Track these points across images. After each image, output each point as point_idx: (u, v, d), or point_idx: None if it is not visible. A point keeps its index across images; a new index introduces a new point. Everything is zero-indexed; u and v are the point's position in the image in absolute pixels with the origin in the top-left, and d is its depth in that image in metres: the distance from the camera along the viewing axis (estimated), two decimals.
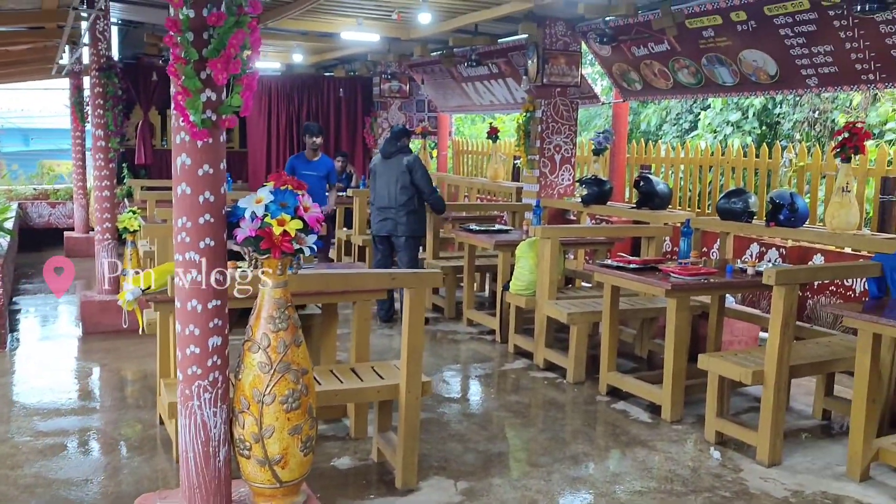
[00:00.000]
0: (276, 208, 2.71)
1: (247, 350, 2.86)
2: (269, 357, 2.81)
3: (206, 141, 2.68)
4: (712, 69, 7.18)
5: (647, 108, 13.68)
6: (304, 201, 2.77)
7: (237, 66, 2.57)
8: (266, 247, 2.71)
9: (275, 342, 2.83)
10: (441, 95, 11.94)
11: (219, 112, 2.68)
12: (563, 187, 8.50)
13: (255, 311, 2.88)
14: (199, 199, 2.69)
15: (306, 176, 7.81)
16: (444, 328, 7.15)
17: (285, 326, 2.84)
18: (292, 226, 2.72)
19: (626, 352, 6.24)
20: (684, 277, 4.76)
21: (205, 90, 2.63)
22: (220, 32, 2.56)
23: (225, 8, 2.60)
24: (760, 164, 7.52)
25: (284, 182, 2.77)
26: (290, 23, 7.78)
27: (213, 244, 2.73)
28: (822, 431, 4.80)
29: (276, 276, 2.83)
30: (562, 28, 8.07)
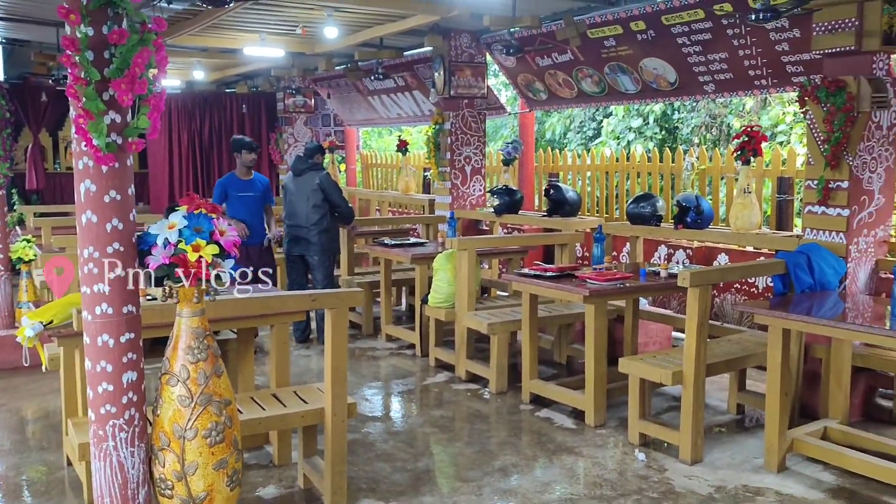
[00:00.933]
0: (191, 234, 2.59)
1: (165, 383, 2.71)
2: (189, 390, 2.68)
3: (111, 166, 2.53)
4: (615, 77, 7.36)
5: (552, 118, 13.95)
6: (219, 225, 2.66)
7: (143, 86, 2.45)
8: (181, 274, 2.58)
9: (194, 374, 2.69)
10: (347, 109, 11.85)
11: (125, 135, 2.54)
12: (475, 198, 8.54)
13: (172, 342, 2.74)
14: (107, 227, 2.55)
15: (244, 198, 6.78)
16: (362, 345, 7.05)
17: (205, 356, 2.72)
18: (208, 251, 2.60)
19: (545, 358, 6.29)
20: (601, 283, 4.83)
21: (108, 112, 2.49)
22: (123, 51, 2.43)
23: (127, 25, 2.47)
24: (664, 169, 7.75)
25: (198, 206, 2.65)
26: (189, 39, 7.55)
27: (123, 274, 2.58)
28: (737, 426, 4.95)
29: (193, 304, 2.70)
30: (467, 40, 8.13)
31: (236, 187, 6.80)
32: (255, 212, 6.80)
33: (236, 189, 6.78)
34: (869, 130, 4.74)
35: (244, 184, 6.82)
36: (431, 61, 8.33)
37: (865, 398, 4.94)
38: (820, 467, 4.17)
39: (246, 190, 6.80)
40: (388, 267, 7.13)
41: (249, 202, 6.78)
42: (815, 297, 4.54)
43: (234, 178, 6.87)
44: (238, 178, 6.84)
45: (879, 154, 4.83)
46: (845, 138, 4.68)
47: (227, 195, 6.75)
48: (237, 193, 6.77)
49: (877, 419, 4.87)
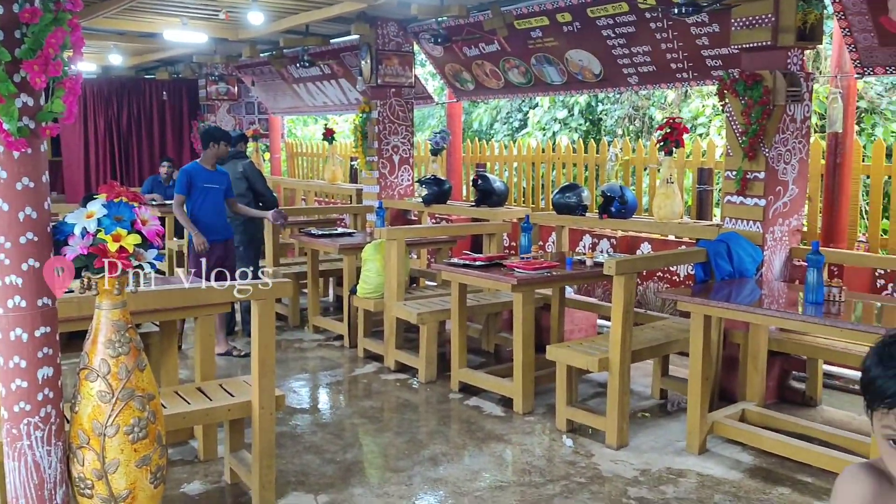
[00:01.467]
0: (111, 223, 2.49)
1: (83, 379, 2.61)
2: (109, 385, 2.58)
3: (24, 151, 2.41)
4: (541, 69, 7.43)
5: (479, 108, 14.01)
6: (141, 214, 2.57)
7: (57, 67, 2.34)
8: (101, 265, 2.48)
9: (115, 368, 2.60)
10: (272, 97, 11.64)
11: (38, 119, 2.42)
12: (403, 188, 8.51)
13: (91, 336, 2.63)
14: (19, 215, 2.43)
15: (210, 190, 6.12)
16: (289, 337, 6.95)
17: (126, 350, 2.62)
18: (129, 241, 2.51)
19: (473, 347, 6.32)
20: (528, 272, 4.88)
21: (20, 95, 2.37)
22: (36, 31, 2.31)
23: (40, 3, 2.35)
24: (589, 160, 7.87)
25: (118, 194, 2.55)
26: (106, 22, 7.26)
27: (38, 265, 2.47)
28: (661, 410, 5.08)
29: (114, 296, 2.60)
30: (394, 29, 8.07)
31: (203, 178, 6.14)
32: (220, 206, 6.24)
33: (203, 180, 6.13)
34: (784, 123, 4.91)
35: (211, 175, 6.21)
36: (358, 49, 8.25)
37: (780, 381, 5.14)
38: (738, 448, 4.32)
39: (212, 182, 6.20)
40: (314, 257, 7.04)
41: (215, 195, 6.16)
42: (734, 284, 4.68)
43: (200, 167, 6.20)
44: (204, 169, 6.19)
45: (793, 146, 5.01)
46: (762, 130, 4.84)
47: (191, 185, 6.09)
48: (203, 184, 6.13)
49: (790, 401, 5.07)
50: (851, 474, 1.37)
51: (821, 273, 3.98)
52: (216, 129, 6.32)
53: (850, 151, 5.72)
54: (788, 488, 3.86)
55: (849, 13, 4.83)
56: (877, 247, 5.55)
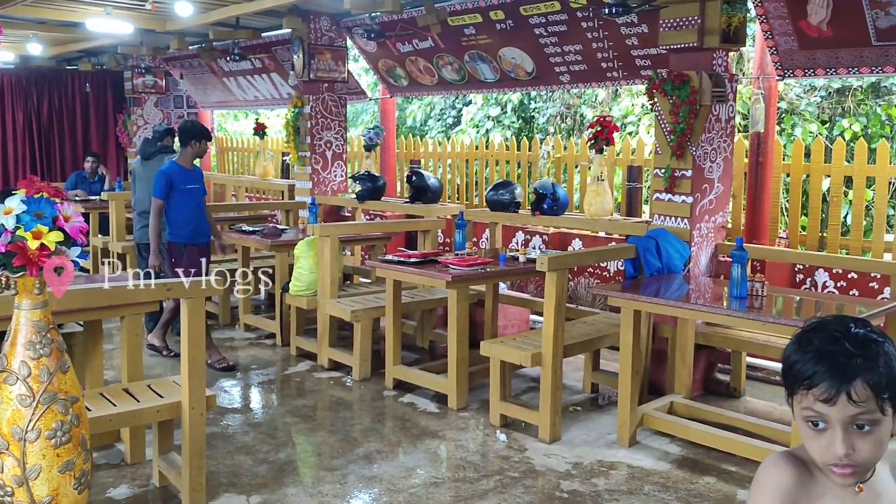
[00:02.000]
0: (31, 219, 2.40)
1: (2, 382, 2.51)
2: (30, 388, 2.49)
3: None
4: (475, 66, 7.46)
5: (413, 104, 13.99)
6: (63, 210, 2.48)
7: None
8: (20, 263, 2.38)
9: (36, 370, 2.50)
10: (201, 91, 11.37)
11: None
12: (337, 184, 8.44)
13: (10, 337, 2.53)
14: None
15: (192, 191, 5.78)
16: (219, 335, 6.81)
17: (48, 352, 2.53)
18: (51, 238, 2.42)
19: (408, 343, 6.32)
20: (463, 268, 4.90)
21: None
22: None
23: None
24: (521, 157, 7.94)
25: (39, 189, 2.45)
26: (24, 10, 6.98)
27: None
28: (591, 404, 5.17)
29: (34, 295, 2.51)
30: (327, 23, 7.99)
31: (183, 178, 5.76)
32: (202, 206, 5.94)
33: (183, 181, 5.75)
34: (710, 123, 5.05)
35: (190, 175, 5.84)
36: (290, 43, 8.13)
37: (706, 373, 5.29)
38: (667, 440, 4.43)
39: (193, 182, 5.85)
40: (246, 254, 6.93)
41: (196, 195, 5.87)
42: (663, 279, 4.80)
43: (178, 167, 5.78)
44: (184, 169, 5.79)
45: (719, 145, 5.16)
46: (689, 130, 4.96)
47: (172, 186, 5.71)
48: (185, 186, 5.76)
49: (715, 392, 5.23)
50: (773, 462, 1.42)
51: (745, 268, 4.10)
52: (194, 126, 5.90)
53: (771, 151, 5.91)
54: (714, 477, 3.98)
55: (770, 17, 4.99)
56: (796, 243, 5.77)
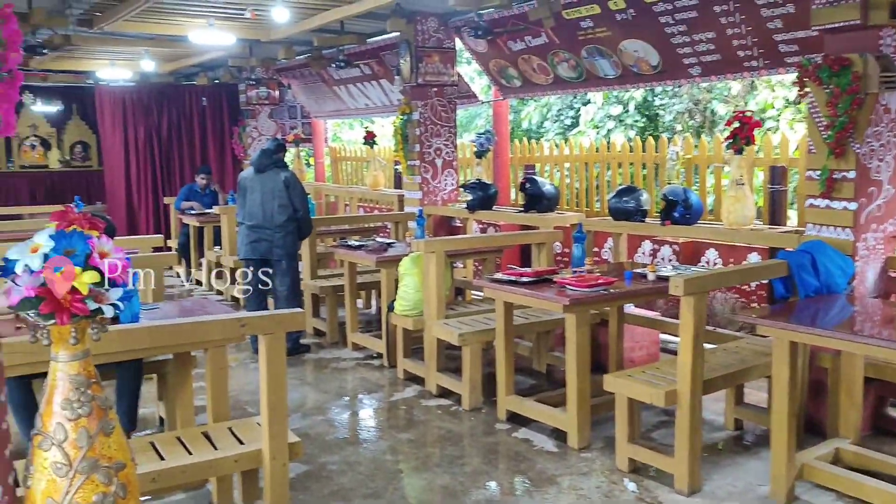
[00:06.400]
0: (60, 258, 2.03)
1: (36, 447, 2.16)
2: (66, 455, 2.13)
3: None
4: (593, 61, 6.84)
5: (527, 106, 13.42)
6: (99, 245, 2.10)
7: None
8: (49, 310, 2.02)
9: (74, 434, 2.14)
10: (314, 100, 11.25)
11: None
12: (447, 193, 8.00)
13: (46, 394, 2.18)
14: None
15: None
16: (327, 355, 6.50)
17: (87, 411, 2.16)
18: (84, 279, 2.04)
19: (523, 366, 5.78)
20: (582, 290, 4.31)
21: None
22: None
23: None
24: (647, 159, 7.25)
25: (71, 221, 2.08)
26: (130, 26, 6.92)
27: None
28: (736, 444, 4.46)
29: (71, 346, 2.14)
30: (434, 24, 7.57)
31: None
32: None
33: None
34: (877, 114, 4.24)
35: None
36: (397, 47, 7.77)
37: (875, 409, 4.46)
38: (833, 496, 3.69)
39: None
40: (352, 270, 6.57)
41: None
42: (821, 301, 4.05)
43: None
44: None
45: (888, 140, 4.34)
46: (851, 123, 4.18)
47: None
48: None
49: (887, 431, 4.40)
50: None
51: None
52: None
53: None
54: None
55: None
56: None
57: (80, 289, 2.03)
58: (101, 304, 2.10)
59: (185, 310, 3.96)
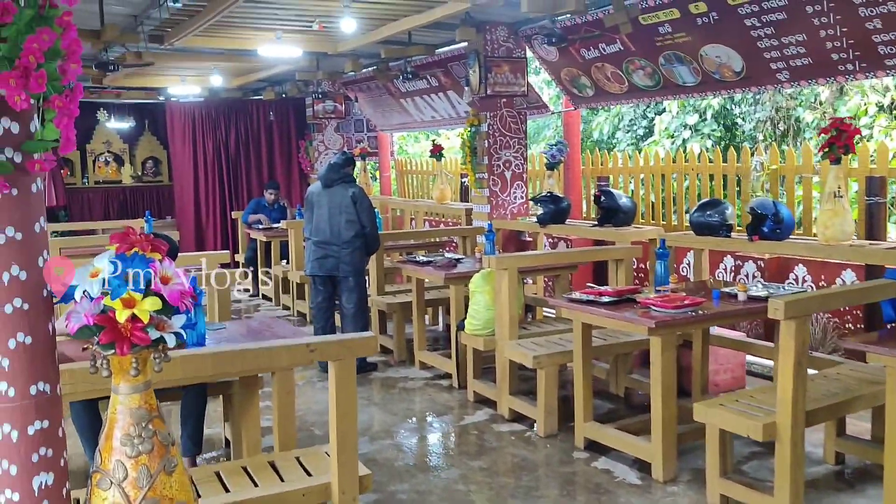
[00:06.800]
0: (120, 283, 1.88)
1: (94, 485, 2.01)
2: (125, 495, 1.97)
3: (6, 193, 1.83)
4: (671, 68, 6.53)
5: (598, 116, 13.09)
6: (161, 269, 1.94)
7: (41, 81, 1.74)
8: (108, 340, 1.87)
9: (134, 471, 1.98)
10: (380, 114, 11.17)
11: (25, 150, 1.84)
12: (517, 206, 7.77)
13: (106, 428, 2.03)
14: (4, 277, 1.85)
15: None
16: (394, 374, 6.32)
17: (148, 448, 2.00)
18: (146, 306, 1.89)
19: (599, 389, 5.49)
20: (668, 311, 4.02)
21: (0, 119, 1.79)
22: (12, 33, 1.73)
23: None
24: (728, 169, 6.88)
25: (132, 244, 1.93)
26: (200, 41, 6.92)
27: (30, 341, 1.88)
28: (838, 480, 4.10)
29: (131, 377, 1.99)
30: (504, 33, 7.37)
31: None
32: None
33: None
34: None
35: None
36: (465, 58, 7.60)
37: None
38: None
39: None
40: (420, 286, 6.39)
41: None
42: None
43: None
44: None
45: None
46: None
47: None
48: None
49: None
50: None
51: None
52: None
53: None
54: None
55: None
56: None
57: (140, 317, 1.88)
58: (163, 333, 1.94)
59: (252, 330, 3.82)
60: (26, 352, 1.88)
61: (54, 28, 1.79)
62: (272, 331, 3.83)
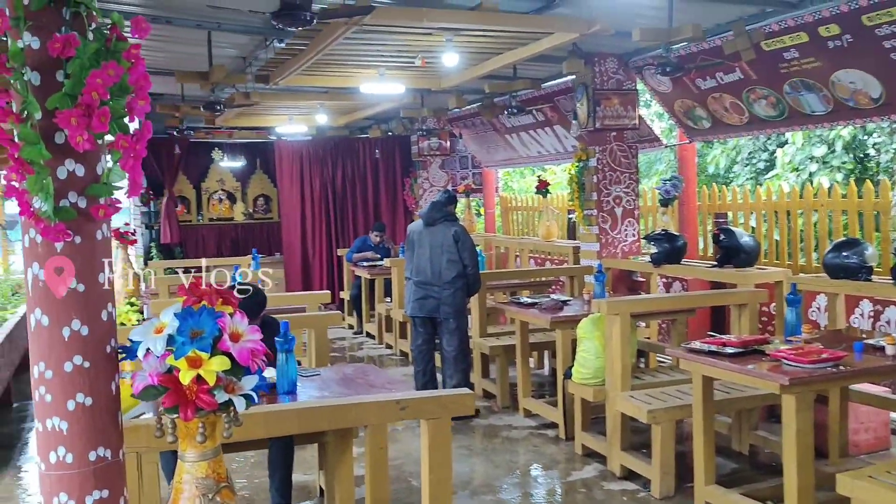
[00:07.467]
0: (185, 341, 1.70)
1: None
2: None
3: (70, 241, 1.69)
4: (797, 97, 6.04)
5: (713, 149, 12.48)
6: (231, 325, 1.75)
7: (103, 119, 1.59)
8: (171, 403, 1.68)
9: None
10: (484, 150, 11.00)
11: (90, 194, 1.69)
12: (628, 244, 7.37)
13: (171, 499, 1.84)
14: (63, 332, 1.70)
15: None
16: (497, 421, 6.01)
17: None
18: (213, 366, 1.69)
19: (720, 445, 5.00)
20: (804, 366, 3.57)
21: (64, 161, 1.66)
22: (75, 68, 1.59)
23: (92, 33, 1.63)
24: (864, 205, 6.26)
25: (200, 296, 1.75)
26: (302, 79, 6.94)
27: (91, 402, 1.72)
28: None
29: (197, 444, 1.80)
30: (614, 65, 7.06)
31: None
32: None
33: None
34: None
35: None
36: (573, 91, 7.32)
37: None
38: None
39: None
40: (524, 329, 6.08)
41: None
42: None
43: None
44: None
45: None
46: None
47: None
48: None
49: None
50: None
51: None
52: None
53: None
54: None
55: None
56: None
57: (206, 378, 1.68)
58: (232, 396, 1.74)
59: (346, 378, 3.63)
60: (86, 414, 1.73)
61: (121, 62, 1.64)
62: (367, 379, 3.62)
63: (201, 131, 11.30)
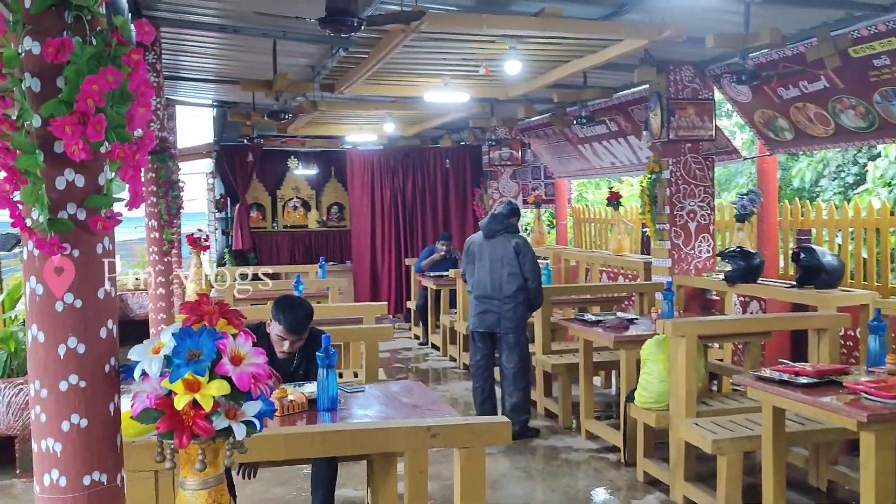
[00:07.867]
0: (181, 363, 1.59)
1: None
2: None
3: (67, 254, 1.61)
4: (889, 107, 5.63)
5: (799, 162, 11.91)
6: (233, 347, 1.64)
7: (98, 127, 1.51)
8: (166, 428, 1.58)
9: None
10: (557, 160, 10.77)
11: (89, 206, 1.61)
12: (702, 261, 7.03)
13: None
14: (59, 350, 1.62)
15: None
16: (557, 442, 5.80)
17: None
18: (210, 391, 1.59)
19: (796, 479, 4.70)
20: (885, 400, 3.26)
21: (64, 171, 1.58)
22: (71, 73, 1.51)
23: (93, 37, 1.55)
24: None
25: (202, 315, 1.65)
26: (365, 88, 6.88)
27: (87, 424, 1.64)
28: None
29: (195, 472, 1.69)
30: (689, 73, 6.76)
31: None
32: None
33: None
34: None
35: None
36: (647, 100, 7.05)
37: None
38: None
39: None
40: (588, 347, 5.85)
41: None
42: None
43: None
44: None
45: None
46: None
47: None
48: None
49: None
50: None
51: None
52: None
53: None
54: None
55: None
56: None
57: (202, 403, 1.58)
58: (232, 422, 1.63)
59: (390, 397, 3.50)
60: (80, 436, 1.64)
61: (121, 68, 1.56)
62: (412, 398, 3.49)
63: (274, 139, 11.44)
